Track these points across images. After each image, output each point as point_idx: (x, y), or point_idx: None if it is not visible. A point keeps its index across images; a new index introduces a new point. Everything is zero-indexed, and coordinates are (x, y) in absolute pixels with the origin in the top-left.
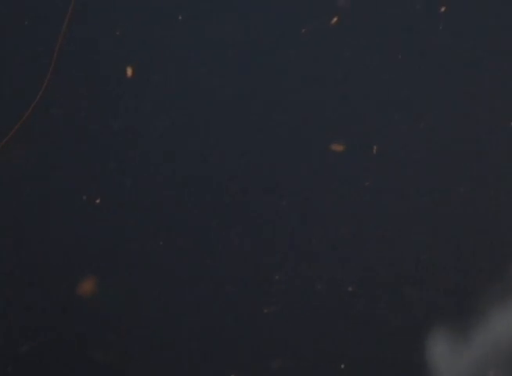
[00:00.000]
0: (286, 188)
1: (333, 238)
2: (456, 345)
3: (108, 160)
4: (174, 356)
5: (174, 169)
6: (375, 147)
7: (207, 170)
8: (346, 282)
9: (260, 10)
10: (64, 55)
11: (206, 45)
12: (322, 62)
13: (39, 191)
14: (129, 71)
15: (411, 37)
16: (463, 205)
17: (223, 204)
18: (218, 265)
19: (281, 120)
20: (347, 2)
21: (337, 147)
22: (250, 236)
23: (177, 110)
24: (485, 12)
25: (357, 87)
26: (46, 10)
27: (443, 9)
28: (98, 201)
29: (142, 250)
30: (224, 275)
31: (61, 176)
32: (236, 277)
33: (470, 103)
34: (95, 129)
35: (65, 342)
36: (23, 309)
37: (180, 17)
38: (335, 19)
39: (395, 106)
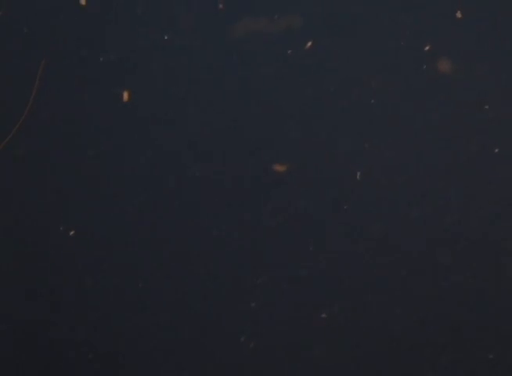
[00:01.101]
0: (268, 210)
1: (310, 263)
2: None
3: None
4: None
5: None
6: (358, 173)
7: (179, 199)
8: (320, 308)
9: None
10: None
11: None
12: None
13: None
14: (125, 95)
15: (394, 74)
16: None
17: (201, 227)
18: (195, 294)
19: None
20: (330, 33)
21: (281, 167)
22: (224, 260)
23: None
24: (470, 53)
25: (338, 112)
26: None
27: (428, 48)
28: (72, 233)
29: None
30: (202, 305)
31: (37, 206)
32: (211, 306)
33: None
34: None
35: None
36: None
37: (166, 37)
38: (309, 44)
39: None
